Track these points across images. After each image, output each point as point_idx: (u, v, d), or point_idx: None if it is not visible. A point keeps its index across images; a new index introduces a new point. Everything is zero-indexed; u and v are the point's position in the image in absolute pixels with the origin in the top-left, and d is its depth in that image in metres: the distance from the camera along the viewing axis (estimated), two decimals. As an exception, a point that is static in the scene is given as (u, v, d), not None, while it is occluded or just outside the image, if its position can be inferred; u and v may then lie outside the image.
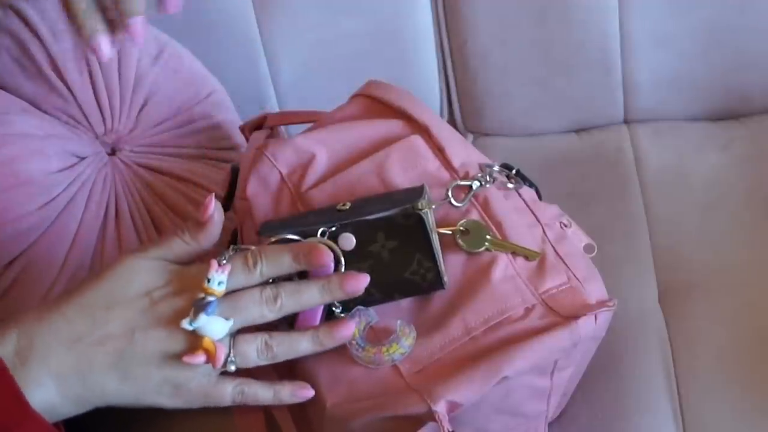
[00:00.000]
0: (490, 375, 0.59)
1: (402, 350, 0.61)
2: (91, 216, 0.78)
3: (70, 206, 0.77)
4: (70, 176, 0.77)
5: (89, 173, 0.79)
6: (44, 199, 0.75)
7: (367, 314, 0.63)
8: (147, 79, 0.84)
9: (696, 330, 0.78)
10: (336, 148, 0.71)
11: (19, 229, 0.74)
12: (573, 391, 0.72)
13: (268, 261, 0.60)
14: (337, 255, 0.62)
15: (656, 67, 0.94)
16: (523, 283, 0.64)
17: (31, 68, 0.80)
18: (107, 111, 0.82)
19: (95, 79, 0.81)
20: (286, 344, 0.60)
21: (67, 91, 0.80)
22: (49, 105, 0.80)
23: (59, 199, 0.76)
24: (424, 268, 0.63)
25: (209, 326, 0.57)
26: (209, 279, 0.58)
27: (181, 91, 0.88)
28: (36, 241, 0.75)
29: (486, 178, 0.68)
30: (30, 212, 0.74)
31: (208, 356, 0.57)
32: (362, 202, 0.65)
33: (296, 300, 0.60)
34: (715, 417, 0.73)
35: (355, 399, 0.61)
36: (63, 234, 0.76)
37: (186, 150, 0.85)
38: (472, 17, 0.95)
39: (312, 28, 0.95)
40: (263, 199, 0.70)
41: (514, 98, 0.98)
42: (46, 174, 0.75)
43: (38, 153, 0.75)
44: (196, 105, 0.88)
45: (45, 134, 0.77)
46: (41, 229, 0.75)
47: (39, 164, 0.75)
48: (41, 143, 0.76)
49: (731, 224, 0.85)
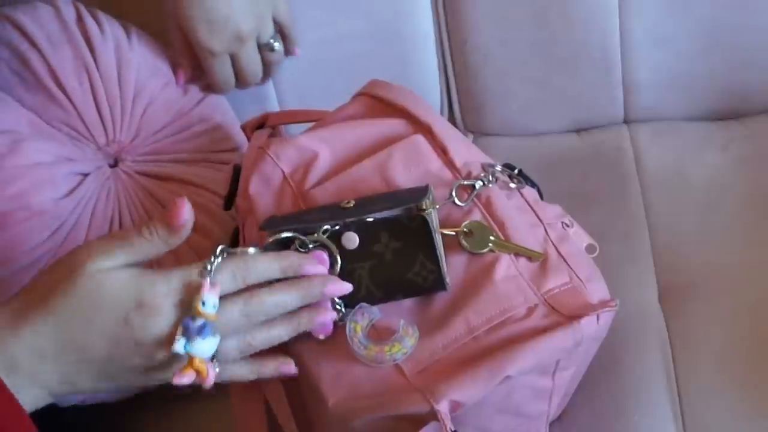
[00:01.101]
0: (493, 375, 0.59)
1: (404, 350, 0.61)
2: (96, 233, 0.78)
3: (77, 226, 0.77)
4: (76, 198, 0.78)
5: (93, 189, 0.79)
6: (55, 226, 0.75)
7: (370, 312, 0.63)
8: (147, 89, 0.84)
9: (696, 330, 0.78)
10: (338, 147, 0.71)
11: (33, 257, 0.74)
12: (574, 390, 0.72)
13: (256, 275, 0.59)
14: (334, 255, 0.62)
15: (656, 67, 0.94)
16: (525, 283, 0.64)
17: (31, 80, 0.80)
18: (109, 121, 0.81)
19: (96, 89, 0.81)
20: (264, 333, 0.60)
21: (68, 102, 0.80)
22: (50, 117, 0.80)
23: (67, 223, 0.76)
24: (426, 270, 0.63)
25: (201, 347, 0.56)
26: (204, 302, 0.55)
27: (177, 96, 0.88)
28: (46, 265, 0.75)
29: (489, 178, 0.68)
30: (43, 240, 0.75)
31: (198, 376, 0.56)
32: (366, 200, 0.65)
33: (276, 309, 0.60)
34: (715, 417, 0.73)
35: (358, 398, 0.61)
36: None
37: (187, 155, 0.85)
38: (472, 17, 0.95)
39: (312, 28, 0.95)
40: (266, 197, 0.70)
41: (515, 98, 0.98)
42: (56, 201, 0.76)
43: (48, 182, 0.75)
44: (192, 108, 0.88)
45: (53, 158, 0.77)
46: (51, 254, 0.75)
47: (49, 193, 0.75)
48: (50, 171, 0.76)
49: (731, 224, 0.85)
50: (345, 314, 0.63)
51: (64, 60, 0.80)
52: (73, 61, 0.80)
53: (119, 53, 0.83)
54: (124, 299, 0.56)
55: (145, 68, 0.85)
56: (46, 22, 0.81)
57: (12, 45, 0.80)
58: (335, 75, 0.97)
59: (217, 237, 0.81)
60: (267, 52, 0.89)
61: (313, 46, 0.95)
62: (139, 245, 0.58)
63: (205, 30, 0.83)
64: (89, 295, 0.56)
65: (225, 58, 0.87)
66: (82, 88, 0.80)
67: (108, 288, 0.56)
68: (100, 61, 0.81)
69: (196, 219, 0.80)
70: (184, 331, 0.55)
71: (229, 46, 0.85)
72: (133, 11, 0.88)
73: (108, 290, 0.56)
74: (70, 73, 0.80)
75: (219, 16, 0.83)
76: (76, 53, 0.81)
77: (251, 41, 0.87)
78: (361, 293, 0.63)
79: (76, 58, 0.80)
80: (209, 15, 0.83)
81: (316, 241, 0.62)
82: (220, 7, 0.82)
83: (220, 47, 0.85)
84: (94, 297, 0.56)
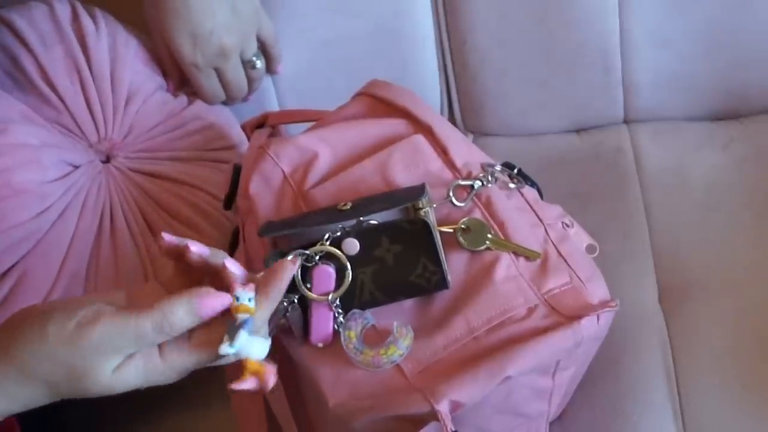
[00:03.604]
0: (493, 375, 0.59)
1: (400, 352, 0.61)
2: (86, 224, 0.78)
3: (65, 215, 0.77)
4: (64, 185, 0.77)
5: (83, 182, 0.79)
6: (38, 209, 0.75)
7: (364, 317, 0.63)
8: (141, 86, 0.84)
9: (696, 330, 0.78)
10: (339, 146, 0.71)
11: (14, 238, 0.74)
12: (574, 390, 0.72)
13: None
14: (343, 264, 0.62)
15: (656, 67, 0.94)
16: (525, 283, 0.64)
17: (23, 80, 0.80)
18: (100, 120, 0.81)
19: (87, 88, 0.81)
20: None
21: (59, 101, 0.80)
22: (42, 116, 0.80)
23: (53, 209, 0.76)
24: (429, 271, 0.62)
25: (251, 346, 0.53)
26: (237, 297, 0.53)
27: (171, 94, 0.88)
28: (31, 251, 0.75)
29: (488, 178, 0.68)
30: (24, 221, 0.74)
31: (258, 379, 0.53)
32: (363, 201, 0.65)
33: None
34: (715, 417, 0.73)
35: (358, 398, 0.61)
36: (58, 243, 0.76)
37: (181, 153, 0.85)
38: (472, 17, 0.95)
39: (312, 28, 0.95)
40: (266, 197, 0.70)
41: (514, 98, 0.98)
42: (40, 183, 0.75)
43: (34, 162, 0.75)
44: (186, 106, 0.88)
45: (41, 143, 0.77)
46: (36, 239, 0.75)
47: (34, 174, 0.75)
48: (37, 153, 0.76)
49: (731, 224, 0.85)
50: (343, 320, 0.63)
51: (55, 59, 0.80)
52: (64, 60, 0.80)
53: (114, 51, 0.83)
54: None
55: (140, 66, 0.85)
56: (39, 21, 0.81)
57: (4, 46, 0.80)
58: (335, 75, 0.97)
59: (211, 236, 0.81)
60: (249, 69, 0.90)
61: (313, 46, 0.95)
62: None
63: (189, 44, 0.83)
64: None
65: (210, 72, 0.87)
66: (74, 86, 0.80)
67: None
68: (93, 60, 0.81)
69: (190, 217, 0.81)
70: (229, 334, 0.53)
71: (212, 61, 0.86)
72: (134, 10, 0.88)
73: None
74: (61, 72, 0.80)
75: (203, 30, 0.83)
76: (68, 52, 0.81)
77: (235, 56, 0.87)
78: (364, 297, 0.63)
79: (68, 57, 0.81)
80: (193, 29, 0.83)
81: (321, 252, 0.62)
82: (204, 21, 0.82)
83: (204, 61, 0.85)
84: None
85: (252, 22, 0.87)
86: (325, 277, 0.62)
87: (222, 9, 0.83)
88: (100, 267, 0.78)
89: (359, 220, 0.63)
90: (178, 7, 0.82)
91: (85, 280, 0.77)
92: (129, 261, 0.78)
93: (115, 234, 0.79)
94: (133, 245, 0.79)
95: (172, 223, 0.81)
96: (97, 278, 0.77)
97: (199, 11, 0.82)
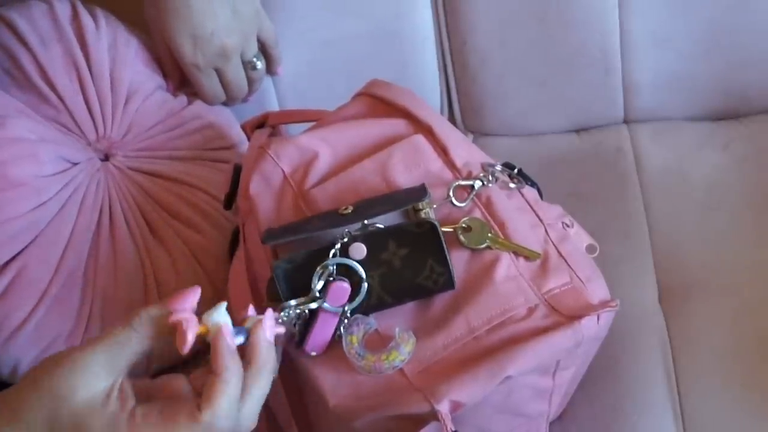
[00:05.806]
0: (494, 375, 0.59)
1: (402, 357, 0.61)
2: (85, 221, 0.78)
3: (63, 211, 0.77)
4: (62, 180, 0.77)
5: (82, 178, 0.79)
6: (35, 203, 0.75)
7: (366, 322, 0.63)
8: (141, 85, 0.84)
9: (696, 330, 0.78)
10: (339, 146, 0.71)
11: (10, 232, 0.74)
12: (574, 390, 0.72)
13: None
14: (358, 273, 0.61)
15: (656, 67, 0.94)
16: (525, 283, 0.64)
17: (22, 79, 0.80)
18: (99, 118, 0.81)
19: (86, 87, 0.81)
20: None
21: (58, 100, 0.80)
22: (41, 115, 0.80)
23: (51, 203, 0.76)
24: (436, 272, 0.62)
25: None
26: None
27: (170, 94, 0.88)
28: (28, 245, 0.75)
29: (488, 178, 0.68)
30: (21, 215, 0.74)
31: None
32: (364, 204, 0.65)
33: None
34: (715, 417, 0.73)
35: (359, 398, 0.61)
36: (56, 239, 0.76)
37: (180, 152, 0.85)
38: (472, 17, 0.95)
39: (312, 28, 0.95)
40: (266, 197, 0.70)
41: (514, 98, 0.98)
42: (37, 177, 0.75)
43: (31, 157, 0.75)
44: (186, 106, 0.88)
45: (38, 138, 0.77)
46: (33, 234, 0.75)
47: (31, 168, 0.75)
48: (34, 147, 0.76)
49: (731, 224, 0.85)
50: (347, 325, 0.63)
51: (54, 58, 0.80)
52: (63, 58, 0.80)
53: (114, 50, 0.83)
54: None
55: (140, 66, 0.85)
56: (38, 20, 0.81)
57: (3, 45, 0.80)
58: (335, 75, 0.97)
59: (211, 236, 0.81)
60: (249, 70, 0.90)
61: (313, 46, 0.95)
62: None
63: (190, 44, 0.83)
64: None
65: (211, 72, 0.87)
66: (73, 85, 0.80)
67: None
68: (92, 58, 0.81)
69: (189, 217, 0.81)
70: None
71: (213, 61, 0.86)
72: (134, 10, 0.88)
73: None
74: (60, 71, 0.80)
75: (204, 30, 0.83)
76: (67, 50, 0.81)
77: (236, 57, 0.87)
78: (372, 301, 0.63)
79: (67, 56, 0.80)
80: (194, 30, 0.83)
81: (336, 264, 0.62)
82: (204, 22, 0.82)
83: (204, 62, 0.85)
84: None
85: (253, 23, 0.87)
86: (340, 293, 0.62)
87: (223, 10, 0.83)
88: (99, 264, 0.78)
89: (364, 224, 0.63)
90: (179, 7, 0.82)
91: (84, 278, 0.77)
92: (128, 259, 0.78)
93: (114, 232, 0.79)
94: (132, 243, 0.79)
95: (172, 223, 0.81)
96: (96, 276, 0.77)
97: (200, 12, 0.82)
